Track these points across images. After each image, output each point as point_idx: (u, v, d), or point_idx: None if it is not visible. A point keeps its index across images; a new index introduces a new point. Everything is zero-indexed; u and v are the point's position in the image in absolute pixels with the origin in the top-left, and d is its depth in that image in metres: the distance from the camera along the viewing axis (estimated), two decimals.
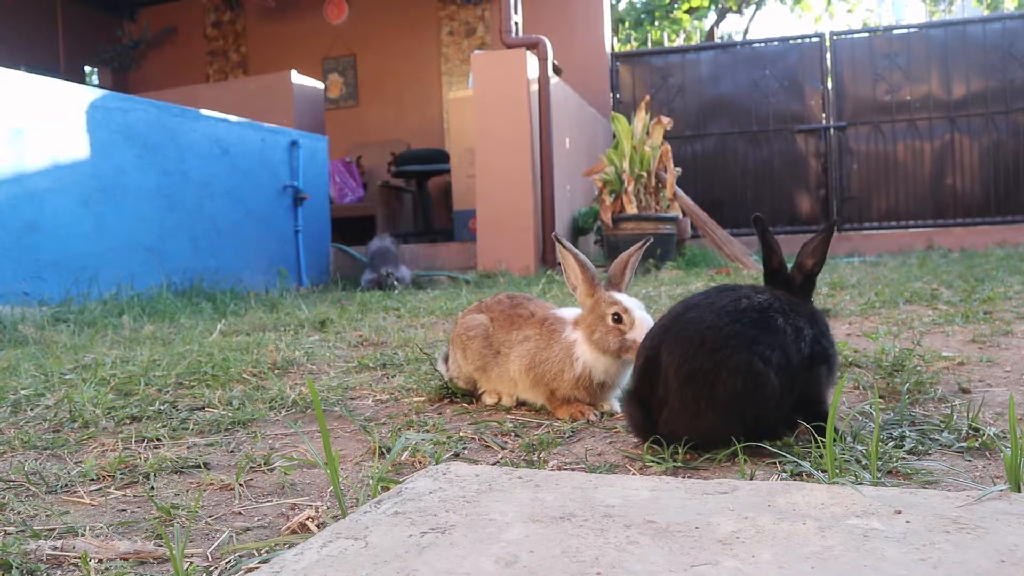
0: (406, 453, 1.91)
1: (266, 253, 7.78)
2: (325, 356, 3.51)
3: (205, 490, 1.72)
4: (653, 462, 1.77)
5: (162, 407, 2.55)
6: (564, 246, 2.33)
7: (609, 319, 2.24)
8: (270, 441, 2.18)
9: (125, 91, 6.94)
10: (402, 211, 12.34)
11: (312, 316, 4.86)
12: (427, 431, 2.19)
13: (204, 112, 7.17)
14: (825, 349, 1.85)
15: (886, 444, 1.79)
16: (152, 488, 1.75)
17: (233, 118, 7.52)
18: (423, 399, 2.63)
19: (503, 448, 2.01)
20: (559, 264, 8.87)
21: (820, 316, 1.95)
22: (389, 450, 1.97)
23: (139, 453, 2.04)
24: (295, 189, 8.17)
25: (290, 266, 8.01)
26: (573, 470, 1.77)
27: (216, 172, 7.23)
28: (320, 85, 10.94)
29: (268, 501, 1.65)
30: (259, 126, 7.82)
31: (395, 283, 7.45)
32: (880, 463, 1.63)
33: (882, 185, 11.58)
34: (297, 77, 10.26)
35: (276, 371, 3.19)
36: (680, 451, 1.78)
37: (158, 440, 2.18)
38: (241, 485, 1.74)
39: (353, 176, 12.12)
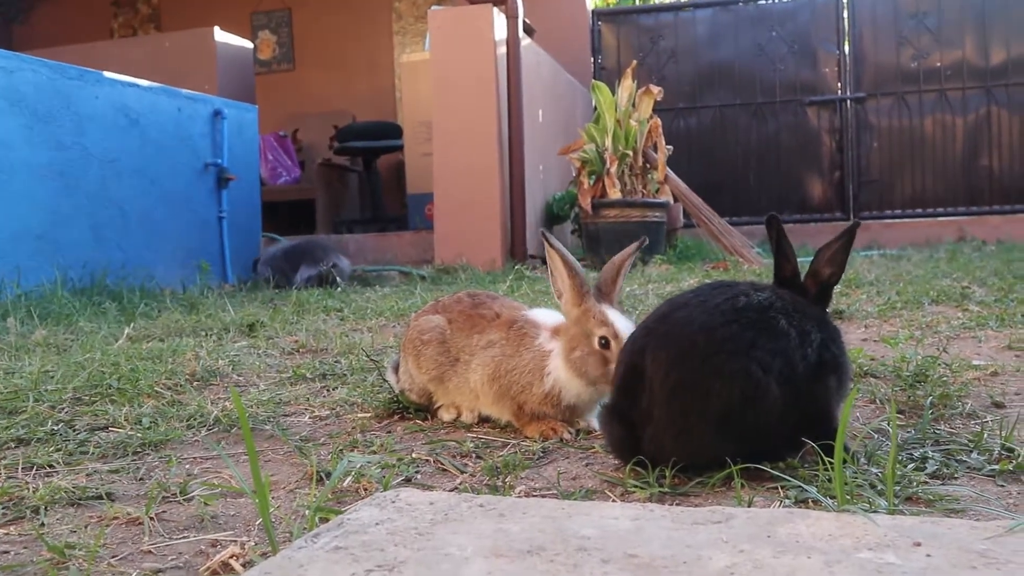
0: (349, 478, 1.91)
1: (184, 244, 7.71)
2: (254, 365, 3.50)
3: (108, 525, 1.71)
4: (636, 487, 1.79)
5: (56, 427, 2.51)
6: (552, 245, 2.34)
7: (595, 341, 2.25)
8: (187, 466, 2.16)
9: (9, 48, 6.82)
10: (346, 195, 12.30)
11: (239, 318, 4.82)
12: (374, 452, 2.18)
13: (108, 75, 7.09)
14: (835, 356, 1.88)
15: (905, 466, 1.82)
16: (43, 524, 1.73)
17: (143, 83, 7.44)
18: (369, 415, 2.63)
19: (462, 472, 2.02)
20: (531, 258, 8.93)
21: (830, 320, 1.98)
22: (329, 475, 1.96)
23: (26, 483, 2.01)
24: (219, 168, 8.10)
25: (213, 259, 7.94)
26: (543, 496, 1.78)
27: (123, 147, 7.14)
28: (249, 45, 10.87)
29: (184, 537, 1.64)
30: (175, 92, 7.75)
31: (338, 278, 7.44)
32: (898, 488, 1.66)
33: (906, 166, 11.74)
34: (221, 35, 10.18)
35: (195, 383, 3.17)
36: (667, 474, 1.79)
37: (50, 467, 2.15)
38: (152, 519, 1.73)
39: (288, 153, 12.05)
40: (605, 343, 2.24)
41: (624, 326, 2.24)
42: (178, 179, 7.72)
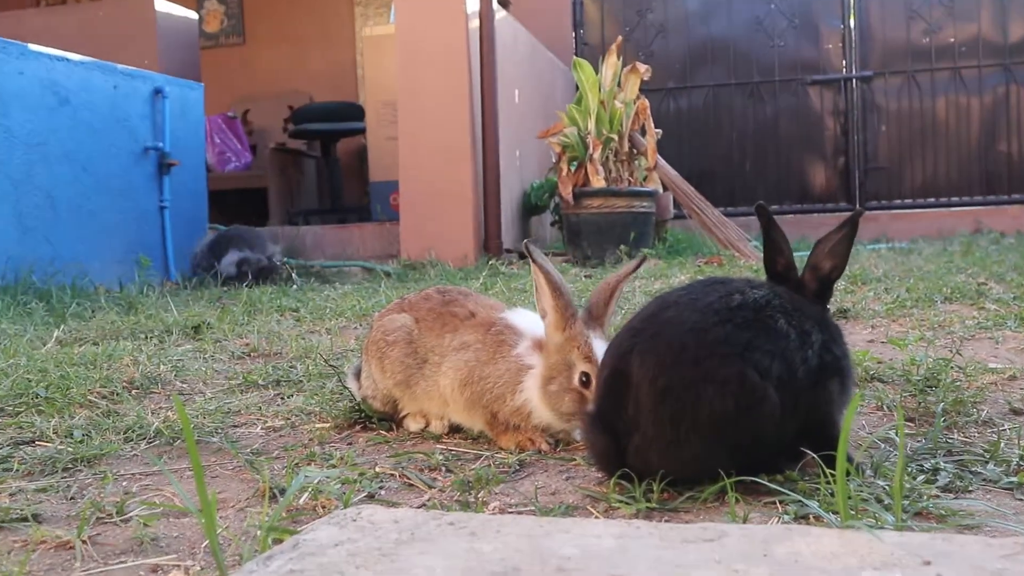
0: (305, 495, 1.91)
1: (121, 237, 7.65)
2: (200, 371, 3.49)
3: (35, 551, 1.70)
4: (621, 502, 1.80)
5: None
6: (536, 260, 2.32)
7: (575, 376, 2.24)
8: (125, 483, 2.15)
9: None
10: (302, 183, 12.25)
11: (183, 319, 4.80)
12: (333, 466, 2.18)
13: (34, 48, 7.02)
14: (838, 359, 1.89)
15: (914, 479, 1.84)
16: None
17: (75, 57, 7.37)
18: (328, 425, 2.63)
19: (431, 487, 2.02)
20: (507, 253, 8.93)
21: (831, 319, 2.00)
22: (283, 491, 1.96)
23: None
24: (160, 153, 8.05)
25: (154, 254, 7.89)
26: (519, 513, 1.79)
27: (52, 129, 7.08)
28: (193, 15, 10.79)
29: (121, 562, 1.63)
30: (111, 68, 7.69)
31: (275, 269, 7.47)
32: (906, 502, 1.68)
33: (917, 152, 11.82)
34: (162, 4, 10.11)
35: (134, 391, 3.15)
36: (655, 488, 1.80)
37: None
38: (85, 542, 1.72)
39: (238, 137, 11.98)
40: (586, 381, 2.22)
41: None
42: (114, 165, 7.66)
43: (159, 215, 8.09)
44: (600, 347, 2.23)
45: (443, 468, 2.16)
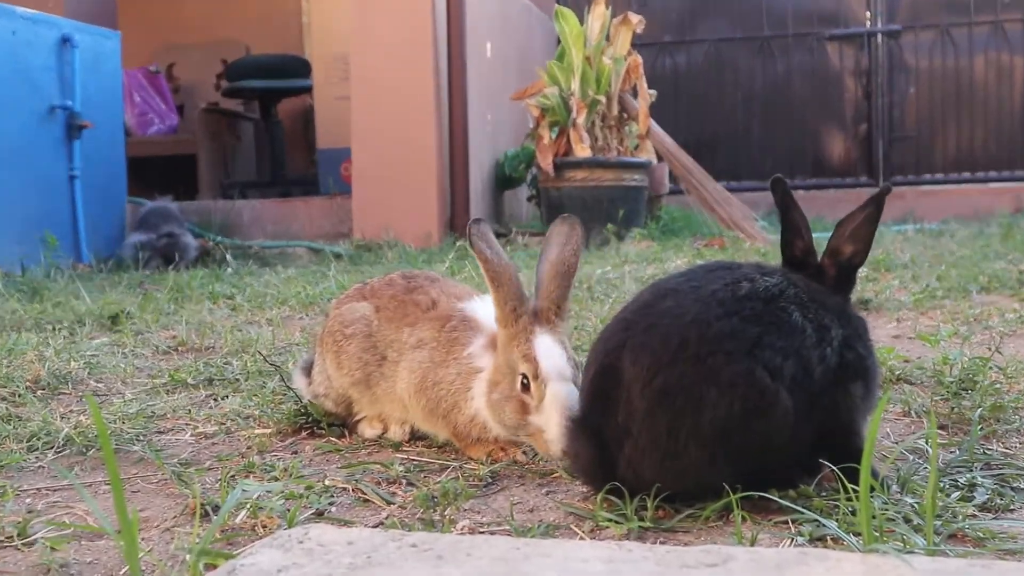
0: (243, 512, 1.90)
1: (22, 211, 7.57)
2: (118, 368, 3.46)
3: None
4: (610, 521, 1.80)
5: None
6: (474, 246, 2.29)
7: (518, 381, 2.23)
8: (28, 500, 2.13)
9: None
10: (239, 149, 12.17)
11: (98, 308, 4.76)
12: (275, 479, 2.18)
13: None
14: (861, 357, 1.90)
15: (948, 496, 1.86)
16: None
17: None
18: (270, 431, 2.62)
19: (389, 503, 2.02)
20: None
21: (854, 312, 2.01)
22: (217, 508, 1.95)
23: None
24: (69, 113, 7.96)
25: (62, 231, 7.81)
26: (492, 533, 1.80)
27: None
28: None
29: None
30: (8, 11, 7.60)
31: (177, 254, 7.48)
32: (939, 523, 1.70)
33: (951, 118, 11.88)
34: None
35: (39, 392, 3.13)
36: (649, 504, 1.81)
37: None
38: None
39: (162, 95, 11.88)
40: (525, 385, 2.20)
41: (553, 363, 2.19)
42: (12, 126, 7.57)
43: (68, 186, 8.01)
44: (541, 344, 2.20)
45: (404, 481, 2.16)
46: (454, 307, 2.48)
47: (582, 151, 8.30)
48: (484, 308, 2.44)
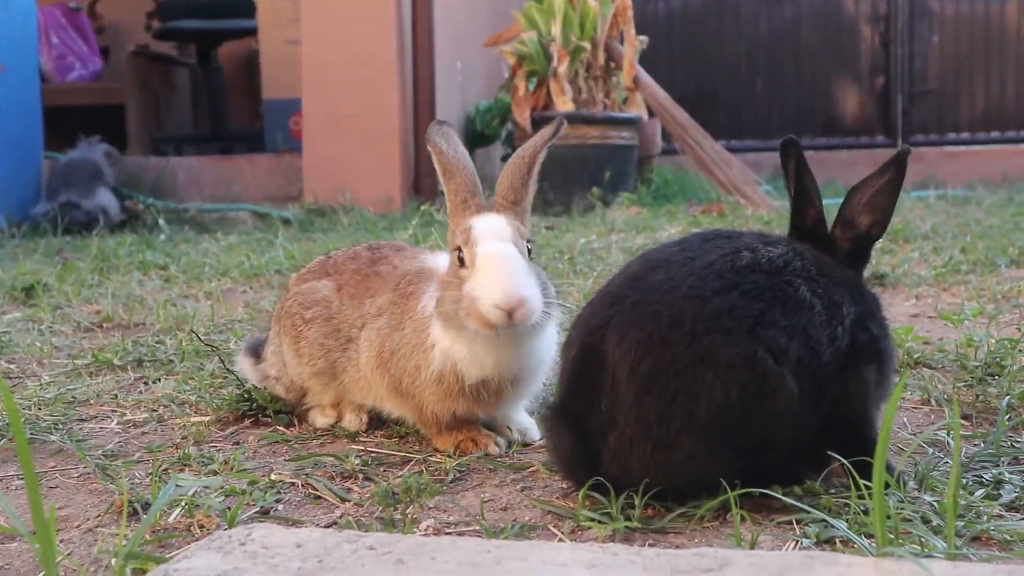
0: (177, 510, 1.90)
1: None
2: (34, 347, 3.45)
3: None
4: (592, 521, 1.80)
5: None
6: (430, 139, 2.36)
7: (454, 260, 2.24)
8: None
9: None
10: (173, 99, 12.09)
11: (10, 278, 4.74)
12: (214, 472, 2.17)
13: None
14: (875, 339, 1.91)
15: (971, 493, 1.87)
16: None
17: None
18: (208, 419, 2.62)
19: (344, 500, 2.02)
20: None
21: (868, 288, 2.02)
22: (147, 506, 1.94)
23: None
24: None
25: None
26: (461, 534, 1.79)
27: None
28: None
29: None
30: None
31: (82, 220, 7.46)
32: (960, 523, 1.70)
33: (978, 71, 11.90)
34: None
35: None
36: (636, 502, 1.81)
37: None
38: None
39: (84, 35, 11.78)
40: (460, 259, 2.21)
41: (487, 225, 2.21)
42: None
43: None
44: (484, 219, 2.22)
45: (360, 475, 2.16)
46: (410, 266, 2.48)
47: (563, 104, 8.29)
48: (441, 259, 2.44)
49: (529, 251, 2.22)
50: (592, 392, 1.84)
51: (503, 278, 2.09)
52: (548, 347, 2.33)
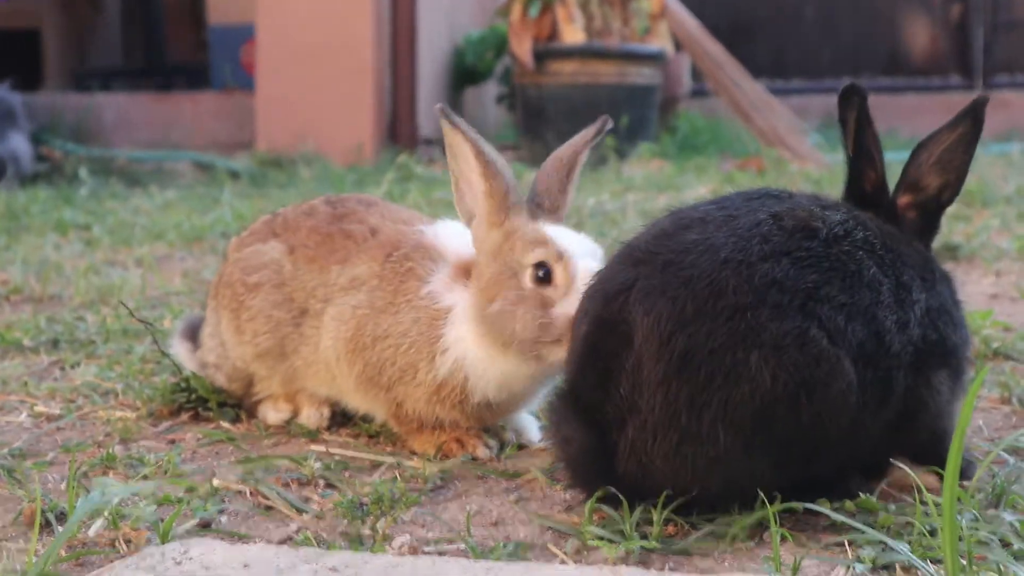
0: (100, 522, 1.89)
1: None
2: None
3: None
4: (601, 539, 1.80)
5: None
6: (455, 123, 2.32)
7: (528, 276, 2.26)
8: None
9: None
10: (97, 25, 12.06)
11: None
12: (145, 477, 2.16)
13: None
14: (944, 335, 1.90)
15: None
16: None
17: None
18: (137, 412, 2.61)
19: (302, 511, 2.02)
20: (426, 145, 8.79)
21: (939, 267, 2.01)
22: (63, 516, 1.94)
23: None
24: None
25: None
26: (442, 554, 1.78)
27: None
28: None
29: None
30: None
31: None
32: None
33: None
34: None
35: None
36: (655, 516, 1.81)
37: None
38: None
39: None
40: (545, 274, 2.24)
41: (579, 245, 2.28)
42: None
43: None
44: (579, 239, 2.29)
45: (322, 482, 2.16)
46: (403, 233, 2.47)
47: (572, 35, 8.27)
48: (445, 233, 2.45)
49: None
50: (609, 374, 1.83)
51: None
52: None
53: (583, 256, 2.24)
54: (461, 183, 2.34)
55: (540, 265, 2.22)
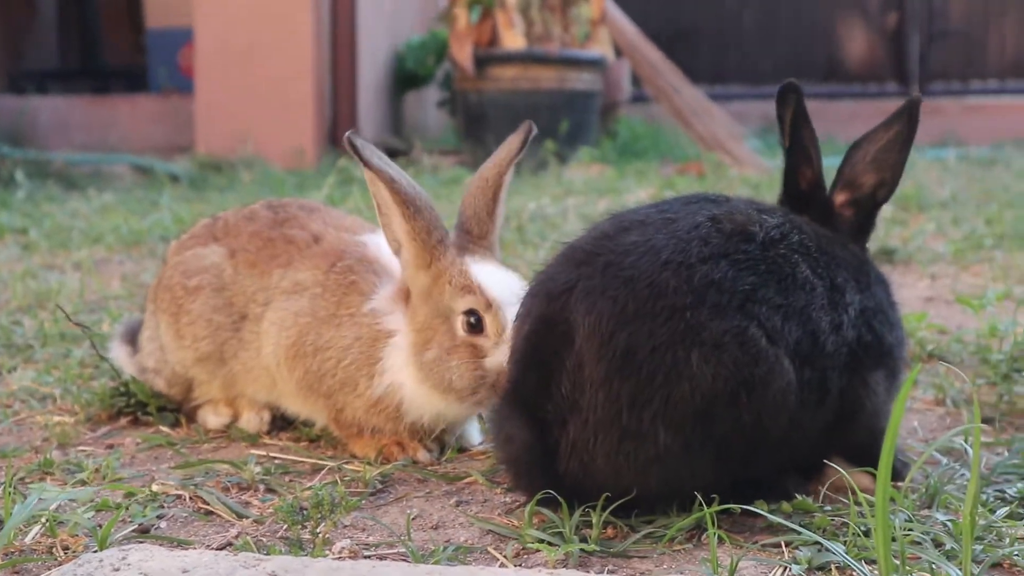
0: (37, 528, 1.89)
1: None
2: None
3: None
4: (541, 542, 1.82)
5: None
6: (366, 160, 2.32)
7: (459, 323, 2.28)
8: None
9: None
10: (33, 25, 11.98)
11: None
12: (83, 482, 2.15)
13: None
14: (880, 336, 1.92)
15: (991, 511, 1.89)
16: None
17: None
18: (76, 418, 2.60)
19: (242, 516, 2.02)
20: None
21: (874, 269, 2.03)
22: (1, 523, 1.93)
23: None
24: None
25: None
26: (383, 558, 1.79)
27: None
28: None
29: None
30: None
31: None
32: (979, 547, 1.72)
33: (1011, 9, 11.96)
34: None
35: None
36: (595, 518, 1.82)
37: None
38: None
39: None
40: (477, 321, 2.25)
41: (505, 287, 2.29)
42: None
43: None
44: (484, 269, 2.30)
45: (262, 487, 2.16)
46: (348, 242, 2.48)
47: (512, 40, 8.28)
48: (384, 245, 2.45)
49: None
50: (551, 373, 1.84)
51: None
52: None
53: (512, 304, 2.22)
54: (384, 210, 2.35)
55: (471, 312, 2.24)
